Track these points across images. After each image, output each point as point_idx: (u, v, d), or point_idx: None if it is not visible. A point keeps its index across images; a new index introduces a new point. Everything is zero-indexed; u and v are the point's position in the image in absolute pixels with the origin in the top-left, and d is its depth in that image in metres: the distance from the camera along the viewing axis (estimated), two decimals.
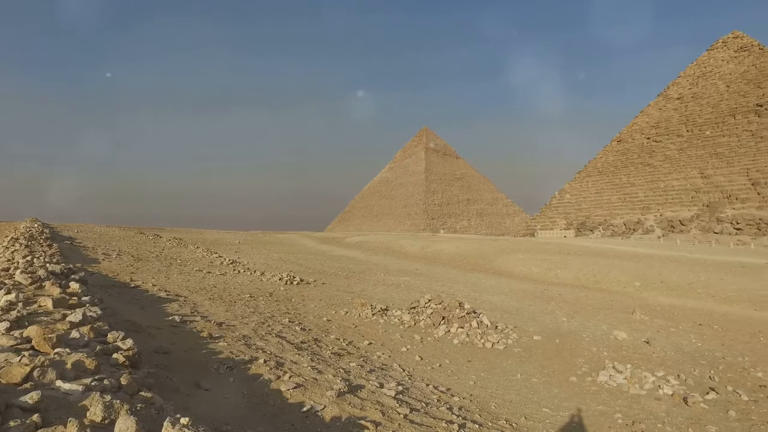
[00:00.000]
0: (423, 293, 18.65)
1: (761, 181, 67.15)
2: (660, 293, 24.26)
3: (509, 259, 36.63)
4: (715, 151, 74.69)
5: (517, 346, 12.82)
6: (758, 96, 74.21)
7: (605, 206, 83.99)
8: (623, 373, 10.52)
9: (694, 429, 8.13)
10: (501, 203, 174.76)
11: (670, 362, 12.06)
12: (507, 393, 9.44)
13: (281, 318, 12.77)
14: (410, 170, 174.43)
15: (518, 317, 16.45)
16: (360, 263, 35.49)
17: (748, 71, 78.04)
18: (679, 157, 79.09)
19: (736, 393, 9.91)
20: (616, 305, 20.58)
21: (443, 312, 14.05)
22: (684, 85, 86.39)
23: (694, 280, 25.69)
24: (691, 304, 21.46)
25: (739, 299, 21.89)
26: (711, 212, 68.92)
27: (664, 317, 18.39)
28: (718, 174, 72.44)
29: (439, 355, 11.64)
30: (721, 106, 78.04)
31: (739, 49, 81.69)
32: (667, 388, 9.90)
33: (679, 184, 76.31)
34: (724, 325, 17.23)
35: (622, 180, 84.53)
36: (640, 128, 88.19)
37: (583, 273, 29.66)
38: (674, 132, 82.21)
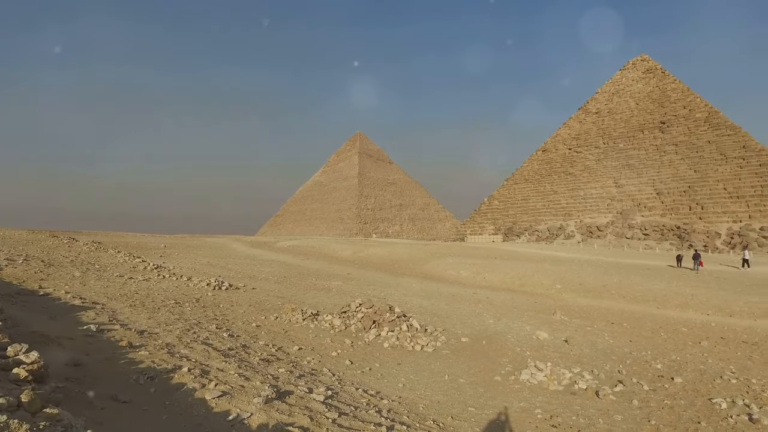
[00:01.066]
0: (354, 297, 18.68)
1: (664, 191, 73.33)
2: (578, 295, 25.78)
3: (440, 263, 37.50)
4: (627, 162, 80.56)
5: (446, 348, 13.15)
6: (661, 114, 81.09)
7: (531, 212, 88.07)
8: (543, 371, 11.07)
9: (603, 419, 8.71)
10: (432, 208, 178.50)
11: (586, 359, 12.85)
12: (435, 394, 9.66)
13: (208, 324, 12.33)
14: (343, 174, 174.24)
15: (447, 320, 16.88)
16: (291, 268, 34.98)
17: (653, 91, 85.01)
18: (597, 167, 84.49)
19: (640, 384, 10.76)
20: (539, 307, 21.62)
21: (374, 316, 14.15)
22: (601, 100, 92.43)
23: (608, 282, 27.53)
24: (605, 305, 22.97)
25: (645, 299, 23.74)
26: (623, 219, 74.19)
27: (581, 317, 19.55)
28: (629, 184, 78.15)
29: (369, 358, 11.71)
30: (632, 121, 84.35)
31: (646, 71, 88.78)
32: (582, 383, 10.54)
33: (596, 193, 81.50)
34: (632, 322, 18.61)
35: (547, 188, 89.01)
36: (563, 139, 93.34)
37: (509, 276, 30.91)
38: (592, 144, 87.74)
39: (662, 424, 8.63)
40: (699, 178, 71.73)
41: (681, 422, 8.76)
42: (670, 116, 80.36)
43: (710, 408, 9.43)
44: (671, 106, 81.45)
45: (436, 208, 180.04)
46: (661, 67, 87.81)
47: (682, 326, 18.14)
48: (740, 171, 69.08)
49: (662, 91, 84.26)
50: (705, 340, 16.02)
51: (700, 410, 9.32)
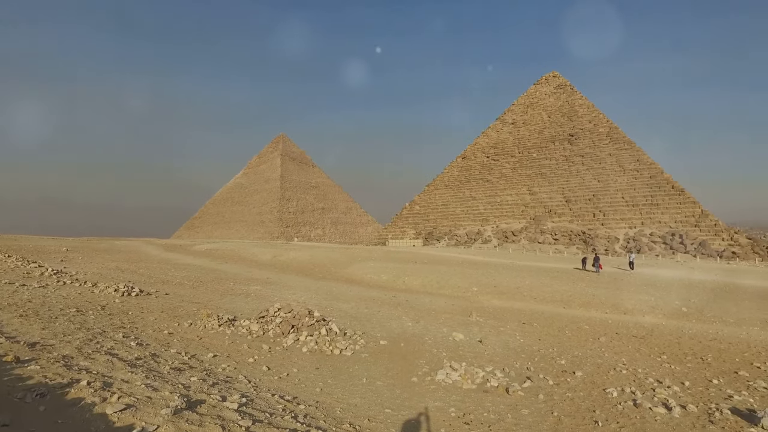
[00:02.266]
0: (273, 302, 18.34)
1: (572, 198, 78.77)
2: (493, 297, 26.98)
3: (361, 267, 37.71)
4: (540, 171, 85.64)
5: (365, 351, 13.25)
6: (570, 127, 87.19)
7: (450, 217, 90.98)
8: (458, 371, 11.48)
9: (512, 414, 9.20)
10: (355, 212, 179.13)
11: (498, 358, 13.48)
12: (352, 397, 9.70)
13: (114, 333, 11.56)
14: (265, 177, 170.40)
15: (367, 323, 17.02)
16: (208, 272, 33.64)
17: (564, 106, 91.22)
18: (513, 175, 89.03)
19: (546, 379, 11.48)
20: (457, 309, 22.38)
21: (293, 320, 13.97)
22: (517, 111, 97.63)
23: (521, 285, 29.07)
24: (517, 306, 24.22)
25: (553, 299, 25.33)
26: (536, 225, 78.68)
27: (495, 318, 20.48)
28: (541, 191, 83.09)
29: (287, 364, 11.55)
30: (545, 133, 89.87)
31: (557, 86, 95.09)
32: (494, 381, 11.05)
33: (512, 199, 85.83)
34: (542, 322, 19.78)
35: (466, 194, 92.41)
36: (482, 147, 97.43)
37: (428, 280, 31.72)
38: (509, 153, 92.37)
39: (563, 415, 9.25)
40: (601, 188, 77.69)
41: (579, 412, 9.45)
42: (577, 130, 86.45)
43: (604, 397, 10.26)
44: (579, 120, 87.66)
45: (359, 212, 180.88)
46: (570, 84, 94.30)
47: (584, 324, 19.54)
48: (635, 182, 75.67)
49: (571, 106, 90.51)
50: (603, 336, 17.37)
51: (596, 400, 10.11)
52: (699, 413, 9.37)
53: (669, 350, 15.46)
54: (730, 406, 9.74)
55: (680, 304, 24.04)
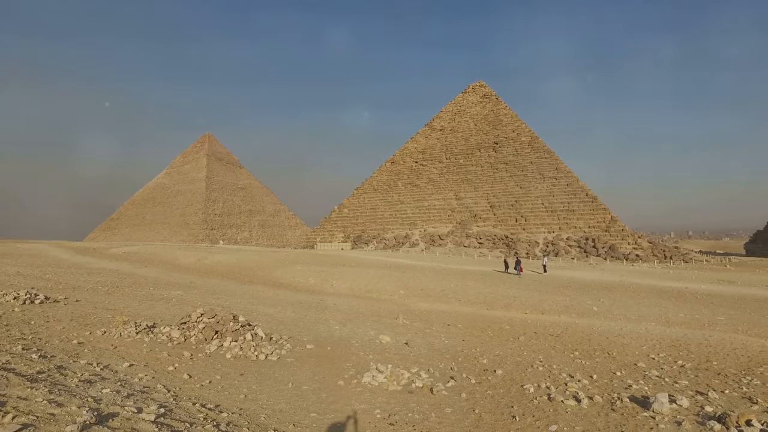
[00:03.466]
0: (196, 307, 17.65)
1: (496, 204, 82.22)
2: (420, 299, 27.54)
3: (288, 270, 37.17)
4: (466, 177, 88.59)
5: (291, 356, 13.10)
6: (495, 135, 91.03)
7: (379, 221, 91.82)
8: (384, 373, 11.63)
9: (436, 413, 9.48)
10: (283, 215, 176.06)
11: (423, 359, 13.80)
12: (278, 403, 9.57)
13: (12, 346, 10.65)
14: (189, 177, 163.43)
15: (294, 327, 16.82)
16: (126, 277, 31.76)
17: (489, 115, 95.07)
18: (440, 180, 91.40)
19: (468, 378, 11.91)
20: (384, 312, 22.63)
21: (216, 326, 13.54)
22: (445, 119, 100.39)
23: (447, 287, 29.90)
24: (443, 308, 24.89)
25: (477, 301, 26.29)
26: (462, 229, 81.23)
27: (421, 320, 20.92)
28: (467, 197, 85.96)
29: (210, 371, 11.18)
30: (471, 140, 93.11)
31: (483, 96, 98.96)
32: (419, 382, 11.31)
33: (439, 204, 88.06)
34: (466, 323, 20.47)
35: (394, 198, 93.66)
36: (410, 152, 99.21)
37: (356, 283, 31.84)
38: (436, 158, 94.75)
39: (484, 412, 9.65)
40: (523, 194, 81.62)
41: (499, 408, 9.90)
42: (501, 138, 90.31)
43: (522, 393, 10.82)
44: (503, 129, 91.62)
45: (287, 215, 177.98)
46: (495, 94, 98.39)
47: (505, 324, 20.45)
48: (553, 189, 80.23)
49: (496, 115, 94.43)
50: (522, 335, 18.28)
51: (514, 396, 10.63)
52: (603, 403, 10.12)
53: (580, 347, 16.54)
54: (629, 395, 10.61)
55: (591, 303, 25.77)
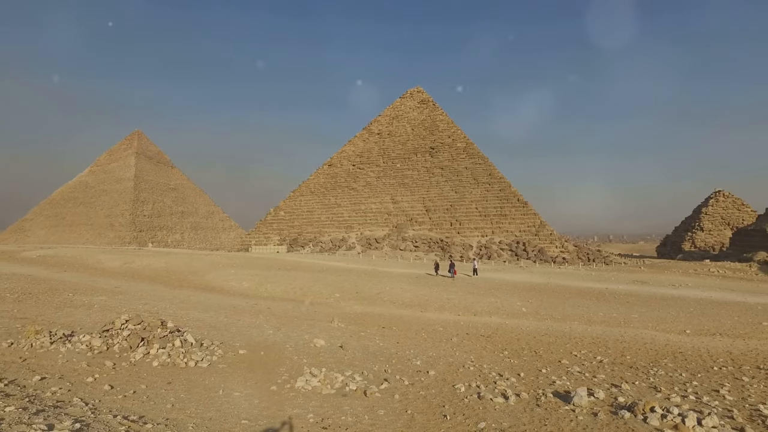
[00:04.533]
0: (121, 313, 16.75)
1: (432, 208, 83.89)
2: (355, 302, 27.58)
3: (221, 274, 36.07)
4: (403, 181, 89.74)
5: (222, 362, 12.74)
6: (432, 141, 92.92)
7: (315, 224, 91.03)
8: (318, 377, 11.57)
9: (369, 415, 9.55)
10: (217, 217, 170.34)
11: (358, 362, 13.84)
12: (207, 411, 9.28)
13: None
14: (116, 176, 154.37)
15: (226, 333, 16.35)
16: (41, 282, 29.56)
17: (426, 120, 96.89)
18: (377, 183, 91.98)
19: (402, 380, 12.08)
20: (319, 315, 22.48)
21: (143, 333, 12.92)
22: (383, 122, 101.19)
23: (382, 290, 30.13)
24: (378, 311, 25.06)
25: (412, 304, 26.70)
26: (398, 232, 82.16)
27: (357, 323, 20.97)
28: (404, 200, 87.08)
29: (135, 380, 10.65)
30: (408, 144, 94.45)
31: (420, 101, 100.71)
32: (353, 385, 11.33)
33: (376, 207, 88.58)
34: (400, 326, 20.72)
35: (331, 201, 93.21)
36: (348, 156, 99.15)
37: (291, 287, 31.41)
38: (374, 162, 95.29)
39: (416, 412, 9.83)
40: (458, 199, 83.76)
41: (431, 408, 10.12)
42: (438, 143, 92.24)
43: (453, 392, 11.11)
44: (439, 134, 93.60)
45: (221, 216, 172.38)
46: (432, 100, 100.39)
47: (439, 326, 20.90)
48: (487, 194, 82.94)
49: (432, 120, 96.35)
50: (455, 336, 18.77)
51: (446, 396, 10.91)
52: (529, 399, 10.61)
53: (510, 346, 17.22)
54: (552, 390, 11.19)
55: (521, 305, 26.87)
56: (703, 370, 14.38)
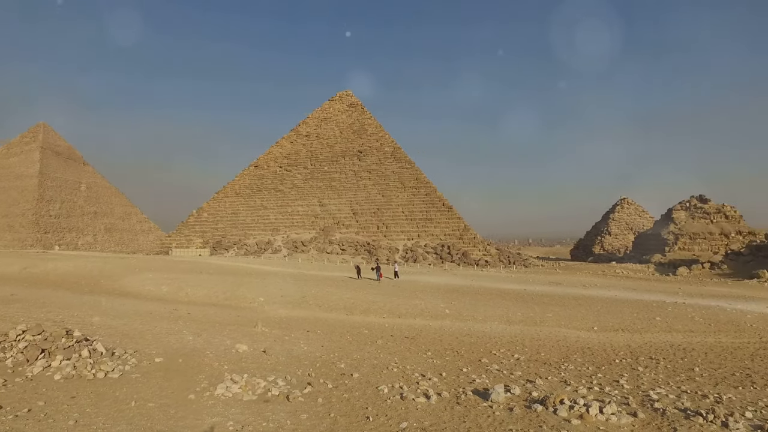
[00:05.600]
0: (17, 323, 15.35)
1: (359, 211, 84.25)
2: (280, 306, 27.09)
3: (137, 278, 34.10)
4: (330, 184, 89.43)
5: (136, 371, 12.03)
6: (360, 144, 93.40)
7: (240, 226, 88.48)
8: (239, 383, 11.24)
9: (291, 420, 9.41)
10: (134, 218, 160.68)
11: (281, 366, 13.59)
12: (117, 425, 8.74)
13: None
14: (16, 173, 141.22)
15: (141, 340, 15.46)
16: None
17: (354, 123, 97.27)
18: (304, 186, 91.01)
19: (325, 383, 12.02)
20: (242, 320, 21.84)
21: (43, 344, 11.92)
22: (311, 125, 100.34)
23: (307, 294, 29.82)
24: (303, 314, 24.78)
25: (337, 307, 26.65)
26: (325, 235, 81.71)
27: (281, 327, 20.59)
28: (331, 204, 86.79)
29: (31, 397, 9.80)
30: (336, 147, 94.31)
31: (349, 105, 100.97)
32: (275, 390, 11.12)
33: (303, 210, 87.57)
34: (325, 329, 20.61)
35: (257, 203, 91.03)
36: (275, 157, 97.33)
37: (214, 291, 30.30)
38: (301, 164, 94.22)
39: (339, 415, 9.82)
40: (385, 202, 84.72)
41: (354, 410, 10.15)
42: (366, 147, 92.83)
43: (377, 394, 11.22)
44: (367, 138, 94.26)
45: (139, 218, 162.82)
46: (361, 104, 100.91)
47: (364, 329, 21.01)
48: (414, 198, 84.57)
49: (361, 124, 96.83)
50: (380, 339, 18.95)
51: (369, 398, 10.99)
52: (450, 397, 10.94)
53: (433, 347, 17.66)
54: (472, 388, 11.62)
55: (444, 306, 27.62)
56: (607, 363, 15.55)
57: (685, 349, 18.35)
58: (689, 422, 9.20)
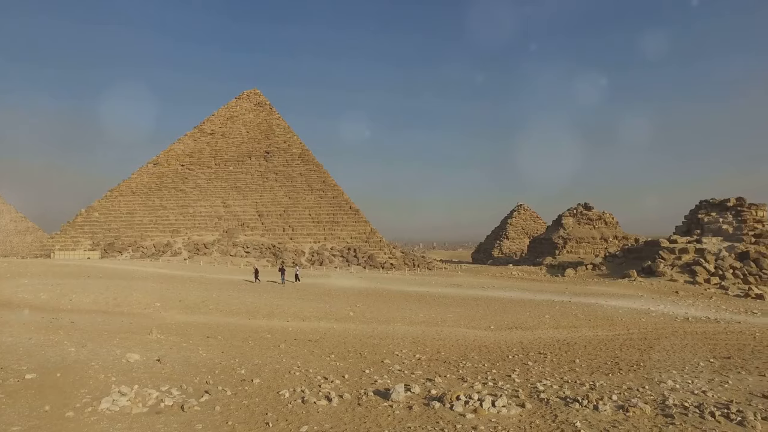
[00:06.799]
0: None
1: (265, 213, 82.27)
2: (178, 312, 25.69)
3: (10, 284, 30.61)
4: (235, 185, 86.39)
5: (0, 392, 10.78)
6: (267, 145, 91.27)
7: (137, 227, 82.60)
8: (128, 395, 10.49)
9: (185, 430, 8.97)
10: (8, 217, 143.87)
11: (176, 375, 12.89)
12: None
13: None
14: None
15: (9, 356, 13.87)
16: None
17: (262, 123, 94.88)
18: (208, 186, 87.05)
19: (224, 390, 11.58)
20: (135, 327, 20.42)
21: None
22: (216, 122, 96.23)
23: (208, 298, 28.57)
24: (203, 320, 23.70)
25: (239, 311, 25.83)
26: (229, 237, 78.74)
27: (179, 334, 19.53)
28: (236, 205, 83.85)
29: None
30: (242, 147, 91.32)
31: (257, 104, 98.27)
32: (169, 400, 10.52)
33: (205, 211, 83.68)
34: (227, 334, 19.88)
35: (156, 203, 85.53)
36: (176, 155, 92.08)
37: (103, 297, 28.02)
38: (205, 163, 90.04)
39: (237, 423, 9.52)
40: (292, 204, 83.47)
41: (253, 417, 9.89)
42: (273, 148, 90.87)
43: (277, 399, 11.02)
44: (275, 139, 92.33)
45: (14, 216, 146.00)
46: (269, 103, 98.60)
47: (267, 333, 20.55)
48: (321, 201, 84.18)
49: (269, 124, 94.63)
50: (283, 343, 18.64)
51: (270, 403, 10.77)
52: (352, 399, 11.03)
53: (336, 350, 17.69)
54: (374, 389, 11.80)
55: (349, 309, 27.78)
56: (501, 360, 16.54)
57: (568, 343, 20.03)
58: (568, 408, 10.09)
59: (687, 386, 12.67)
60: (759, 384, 13.13)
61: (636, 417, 9.67)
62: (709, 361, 16.83)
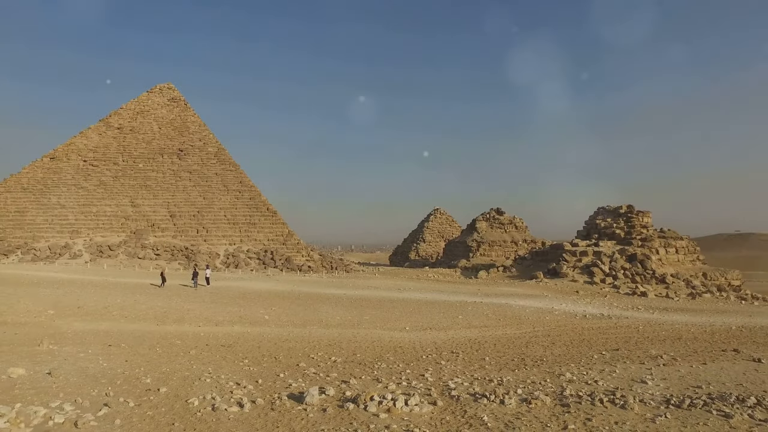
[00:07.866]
0: None
1: (177, 213, 78.26)
2: (76, 319, 23.72)
3: None
4: (145, 183, 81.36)
5: None
6: (181, 142, 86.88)
7: (28, 227, 75.15)
8: (6, 416, 9.49)
9: None
10: None
11: (71, 388, 11.90)
12: None
13: None
14: None
15: None
16: None
17: (176, 120, 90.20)
18: (114, 184, 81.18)
19: (126, 402, 10.87)
20: (22, 338, 18.57)
21: None
22: (125, 117, 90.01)
23: (111, 303, 26.66)
24: (105, 327, 22.05)
25: (147, 317, 24.35)
26: (137, 239, 73.99)
27: (75, 343, 18.04)
28: (145, 204, 78.97)
29: None
30: (154, 144, 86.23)
31: (170, 99, 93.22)
32: (59, 417, 9.67)
33: (111, 211, 77.97)
34: (131, 342, 18.66)
35: (52, 200, 78.33)
36: (78, 149, 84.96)
37: None
38: (111, 159, 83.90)
39: None
40: (206, 205, 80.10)
41: (159, 428, 9.38)
42: (187, 146, 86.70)
43: (186, 408, 10.52)
44: (189, 136, 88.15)
45: None
46: (184, 99, 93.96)
47: (177, 339, 19.54)
48: (237, 202, 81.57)
49: (183, 121, 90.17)
50: (194, 349, 17.82)
51: (177, 412, 10.26)
52: (265, 404, 10.79)
53: (250, 354, 17.21)
54: (288, 393, 11.63)
55: (264, 312, 27.14)
56: (415, 360, 16.94)
57: (479, 342, 20.94)
58: (477, 404, 10.56)
59: (582, 377, 13.76)
60: (639, 371, 14.64)
61: (537, 408, 10.34)
62: (601, 354, 18.41)
